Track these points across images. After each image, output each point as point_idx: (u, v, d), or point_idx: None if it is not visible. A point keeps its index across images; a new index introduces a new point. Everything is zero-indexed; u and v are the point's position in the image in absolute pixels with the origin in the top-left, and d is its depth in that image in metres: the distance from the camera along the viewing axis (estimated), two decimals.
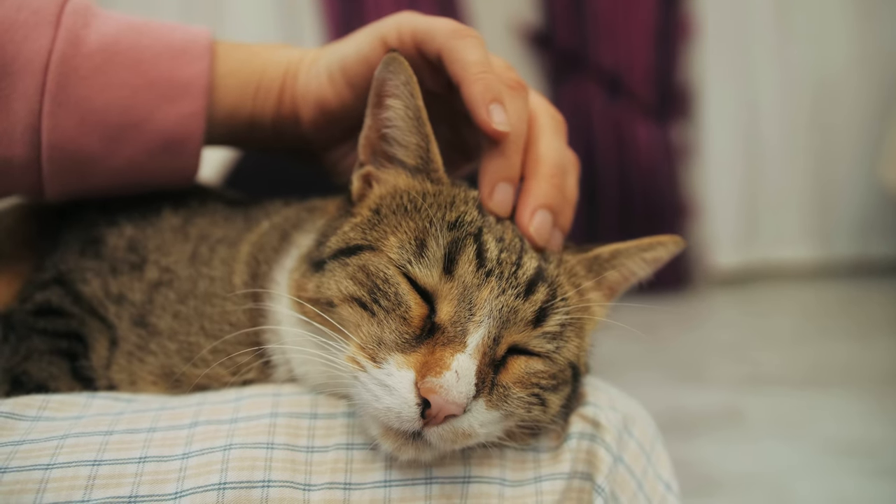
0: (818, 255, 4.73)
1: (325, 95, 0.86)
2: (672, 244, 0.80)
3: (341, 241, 0.74)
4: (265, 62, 0.89)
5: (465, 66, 0.75)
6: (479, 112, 0.73)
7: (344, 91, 0.85)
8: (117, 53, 0.82)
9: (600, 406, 0.76)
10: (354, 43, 0.84)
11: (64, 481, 0.63)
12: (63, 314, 0.84)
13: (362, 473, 0.67)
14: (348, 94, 0.85)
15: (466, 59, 0.75)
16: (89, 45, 0.81)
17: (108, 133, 0.82)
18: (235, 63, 0.88)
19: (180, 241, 0.87)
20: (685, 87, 4.52)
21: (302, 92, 0.87)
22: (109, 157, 0.84)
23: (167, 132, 0.84)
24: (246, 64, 0.89)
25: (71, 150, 0.81)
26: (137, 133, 0.83)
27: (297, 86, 0.88)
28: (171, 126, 0.84)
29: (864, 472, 2.12)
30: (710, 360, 3.27)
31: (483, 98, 0.74)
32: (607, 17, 4.40)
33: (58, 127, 0.80)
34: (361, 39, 0.83)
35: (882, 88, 4.48)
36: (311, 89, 0.86)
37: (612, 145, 4.49)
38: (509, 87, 0.77)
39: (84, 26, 0.82)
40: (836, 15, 4.52)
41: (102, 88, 0.81)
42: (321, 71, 0.86)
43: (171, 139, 0.85)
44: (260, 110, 0.90)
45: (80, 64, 0.80)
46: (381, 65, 0.75)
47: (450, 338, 0.65)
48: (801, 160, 4.65)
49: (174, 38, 0.85)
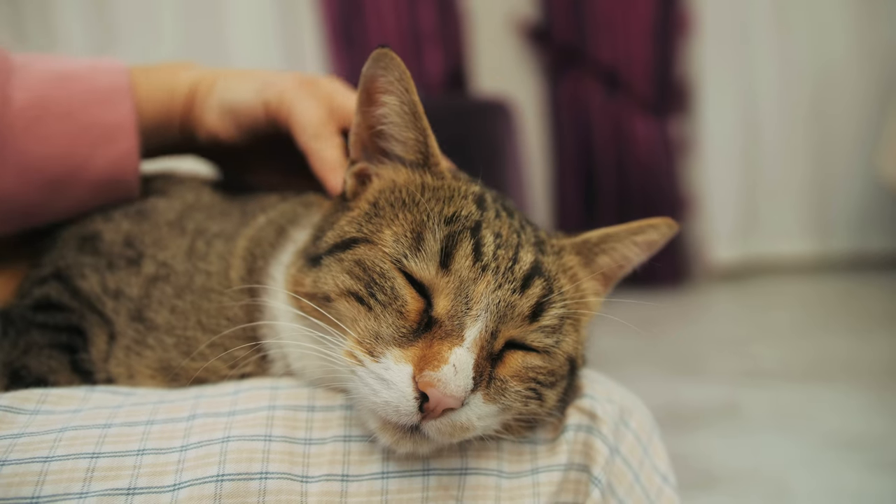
0: (817, 249, 4.73)
1: (217, 130, 0.97)
2: (664, 226, 0.79)
3: (337, 235, 0.74)
4: (172, 84, 0.98)
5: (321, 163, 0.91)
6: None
7: (232, 130, 0.97)
8: (48, 106, 0.87)
9: (597, 398, 0.76)
10: (243, 93, 0.95)
11: (63, 474, 0.63)
12: (62, 308, 0.84)
13: (360, 465, 0.68)
14: (236, 133, 0.97)
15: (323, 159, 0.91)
16: (18, 101, 0.85)
17: (48, 183, 0.88)
18: (150, 88, 0.97)
19: (177, 235, 0.87)
20: (683, 81, 4.51)
21: (198, 116, 0.97)
22: (53, 203, 0.90)
23: (106, 173, 0.90)
24: (158, 89, 0.97)
25: (14, 202, 0.87)
26: (77, 179, 0.89)
27: (194, 109, 0.98)
28: (110, 166, 0.90)
29: (863, 465, 2.12)
30: (708, 355, 3.27)
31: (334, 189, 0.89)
32: (605, 12, 4.40)
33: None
34: (249, 94, 0.95)
35: (880, 82, 4.48)
36: (206, 120, 0.97)
37: (610, 140, 4.49)
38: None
39: (6, 82, 0.85)
40: (834, 9, 4.51)
41: (39, 141, 0.85)
42: (214, 106, 0.96)
43: (111, 178, 0.91)
44: (169, 127, 0.99)
45: (14, 121, 0.84)
46: (370, 61, 0.74)
47: (447, 332, 0.65)
48: (799, 154, 4.65)
49: (97, 83, 0.91)
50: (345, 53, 4.14)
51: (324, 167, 0.92)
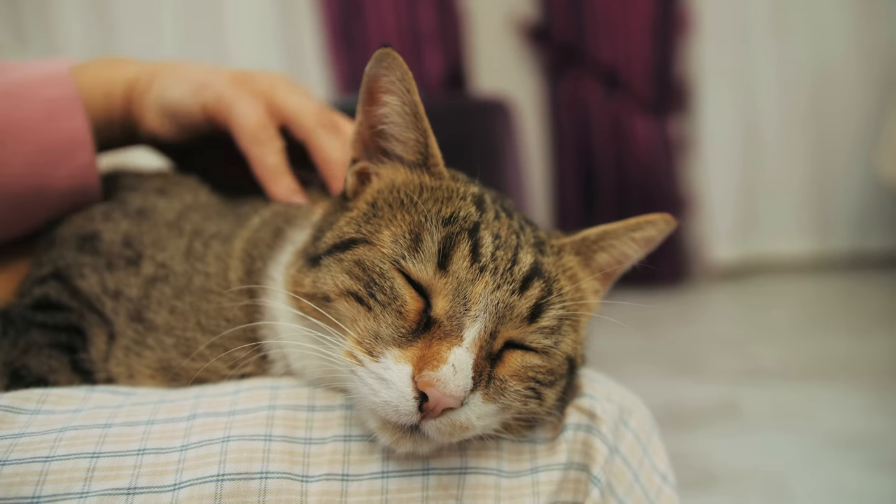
0: (816, 249, 4.73)
1: (157, 130, 0.97)
2: (662, 222, 0.78)
3: (336, 235, 0.74)
4: (109, 83, 0.98)
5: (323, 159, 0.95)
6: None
7: (173, 130, 0.97)
8: (2, 127, 0.86)
9: (597, 397, 0.76)
10: (180, 94, 0.95)
11: (63, 473, 0.64)
12: (62, 308, 0.84)
13: (360, 464, 0.68)
14: (178, 133, 0.98)
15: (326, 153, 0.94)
16: None
17: (14, 204, 0.88)
18: (89, 89, 0.95)
19: (175, 236, 0.87)
20: (683, 80, 4.51)
21: (137, 116, 0.97)
22: (20, 221, 0.91)
23: (69, 187, 0.91)
24: (96, 87, 0.96)
25: None
26: (42, 196, 0.90)
27: (132, 108, 0.98)
28: (72, 180, 0.91)
29: (863, 464, 2.13)
30: (708, 354, 3.27)
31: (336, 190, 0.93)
32: (605, 11, 4.40)
33: None
34: (187, 96, 0.95)
35: (879, 81, 4.48)
36: (146, 120, 0.97)
37: (609, 139, 4.49)
38: (325, 125, 0.96)
39: None
40: (833, 8, 4.51)
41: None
42: (152, 106, 0.96)
43: (74, 191, 0.92)
44: (109, 127, 0.98)
45: None
46: (372, 61, 0.74)
47: (446, 332, 0.65)
48: (798, 153, 4.65)
49: (46, 97, 0.90)
50: (344, 54, 4.14)
51: (264, 174, 0.94)
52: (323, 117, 0.96)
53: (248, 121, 0.92)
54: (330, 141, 0.95)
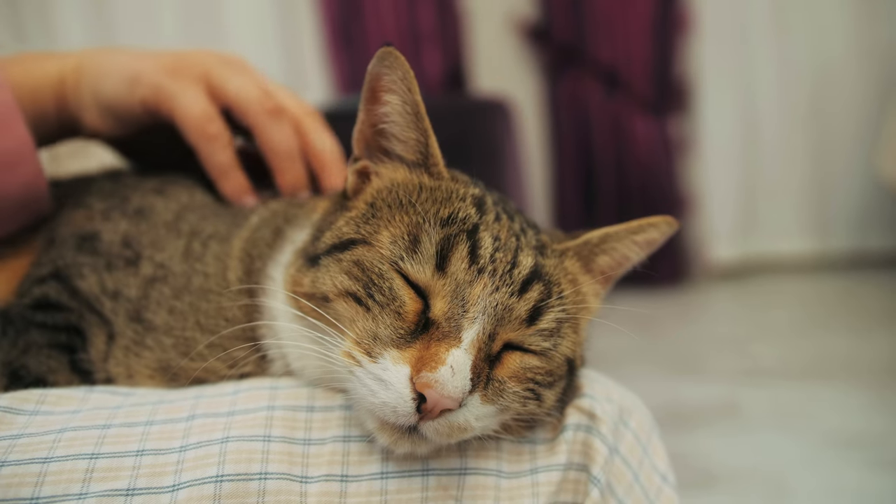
0: (816, 248, 4.73)
1: (100, 128, 0.93)
2: (664, 225, 0.78)
3: (335, 236, 0.74)
4: (35, 82, 0.92)
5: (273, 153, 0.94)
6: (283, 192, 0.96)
7: (117, 128, 0.93)
8: None
9: (596, 398, 0.76)
10: (114, 90, 0.91)
11: (62, 474, 0.63)
12: (61, 308, 0.84)
13: (359, 465, 0.68)
14: (123, 129, 0.94)
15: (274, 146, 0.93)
16: None
17: None
18: (16, 87, 0.90)
19: (173, 236, 0.87)
20: (683, 80, 4.51)
21: (75, 113, 0.93)
22: None
23: (18, 199, 0.88)
24: (22, 87, 0.91)
25: None
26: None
27: (68, 105, 0.93)
28: (20, 192, 0.87)
29: (863, 464, 2.13)
30: (708, 354, 3.27)
31: (288, 190, 0.96)
32: (605, 11, 4.40)
33: None
34: (122, 91, 0.90)
35: (879, 81, 4.48)
36: (85, 119, 0.93)
37: (609, 139, 4.49)
38: (269, 112, 0.92)
39: None
40: (833, 8, 4.51)
41: None
42: (89, 104, 0.92)
43: (23, 203, 0.88)
44: (43, 125, 0.93)
45: None
46: (375, 59, 0.73)
47: (444, 333, 0.65)
48: (798, 153, 4.65)
49: None
50: (344, 53, 4.14)
51: (213, 171, 0.92)
52: (267, 103, 0.93)
53: (192, 114, 0.89)
54: (276, 130, 0.93)
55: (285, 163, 0.93)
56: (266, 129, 0.92)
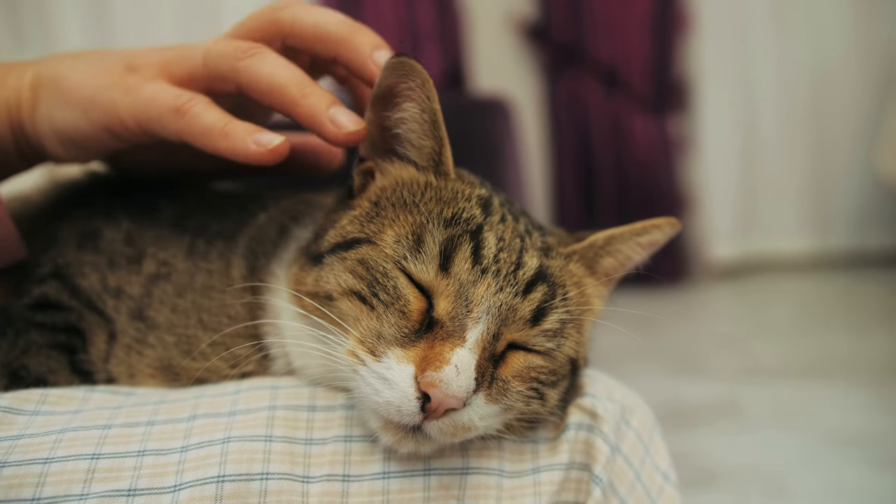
0: (815, 247, 4.73)
1: (69, 159, 0.83)
2: (667, 226, 0.79)
3: (339, 235, 0.74)
4: None
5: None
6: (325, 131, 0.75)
7: (85, 155, 0.83)
8: None
9: (598, 397, 0.76)
10: (72, 121, 0.78)
11: (63, 475, 0.63)
12: (61, 308, 0.84)
13: (361, 465, 0.68)
14: (91, 156, 0.84)
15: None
16: None
17: None
18: None
19: (177, 234, 0.87)
20: (682, 79, 4.51)
21: (37, 144, 0.82)
22: None
23: None
24: None
25: None
26: None
27: (26, 134, 0.82)
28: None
29: (863, 462, 2.13)
30: (708, 352, 3.27)
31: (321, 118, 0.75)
32: (604, 9, 4.40)
33: None
34: (81, 122, 0.77)
35: (878, 80, 4.48)
36: (49, 150, 0.82)
37: (609, 138, 4.49)
38: (245, 53, 0.76)
39: None
40: (832, 7, 4.51)
41: None
42: (48, 134, 0.80)
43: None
44: (3, 149, 0.83)
45: None
46: (388, 68, 0.72)
47: (449, 332, 0.65)
48: (797, 152, 4.66)
49: None
50: None
51: (208, 138, 0.75)
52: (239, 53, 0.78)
53: (158, 106, 0.75)
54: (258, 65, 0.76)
55: (301, 91, 0.75)
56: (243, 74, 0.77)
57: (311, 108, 0.74)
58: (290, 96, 0.74)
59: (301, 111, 0.74)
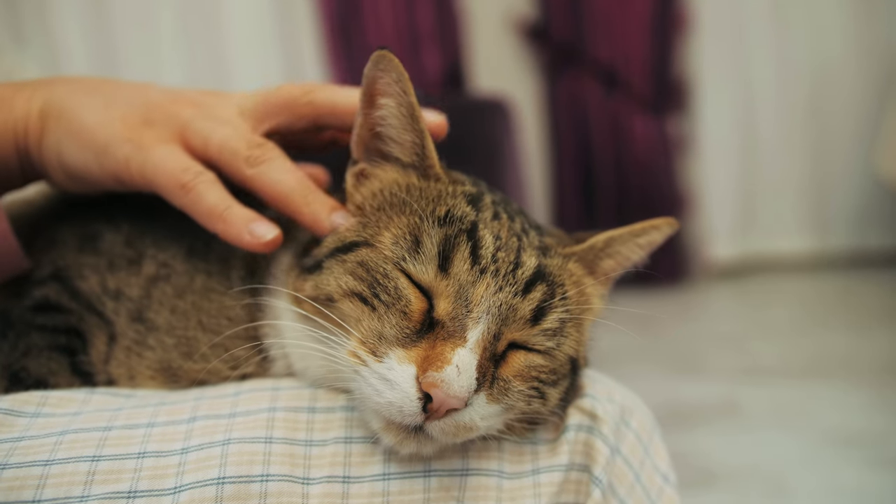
0: (815, 247, 4.73)
1: (70, 188, 0.84)
2: (666, 226, 0.80)
3: (337, 239, 0.74)
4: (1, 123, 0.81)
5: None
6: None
7: (86, 188, 0.84)
8: None
9: (598, 398, 0.76)
10: (82, 161, 0.79)
11: (63, 477, 0.63)
12: (61, 310, 0.84)
13: (361, 467, 0.68)
14: (92, 189, 0.84)
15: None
16: None
17: None
18: None
19: (177, 235, 0.87)
20: (681, 79, 4.51)
21: (39, 167, 0.83)
22: None
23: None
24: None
25: None
26: None
27: (30, 157, 0.82)
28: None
29: (862, 462, 2.13)
30: (707, 352, 3.27)
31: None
32: (603, 10, 4.39)
33: None
34: (91, 164, 0.79)
35: (878, 80, 4.48)
36: (53, 177, 0.83)
37: (608, 138, 4.49)
38: (257, 161, 0.79)
39: None
40: (832, 7, 4.51)
41: None
42: (54, 165, 0.81)
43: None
44: (7, 168, 0.83)
45: None
46: (370, 63, 0.74)
47: (450, 333, 0.66)
48: (797, 152, 4.65)
49: None
50: (343, 53, 4.14)
51: (208, 220, 0.77)
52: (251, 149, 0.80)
53: (166, 175, 0.77)
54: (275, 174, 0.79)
55: (308, 197, 0.78)
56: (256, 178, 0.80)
57: (314, 216, 0.78)
58: (294, 204, 0.78)
59: (304, 218, 0.78)
